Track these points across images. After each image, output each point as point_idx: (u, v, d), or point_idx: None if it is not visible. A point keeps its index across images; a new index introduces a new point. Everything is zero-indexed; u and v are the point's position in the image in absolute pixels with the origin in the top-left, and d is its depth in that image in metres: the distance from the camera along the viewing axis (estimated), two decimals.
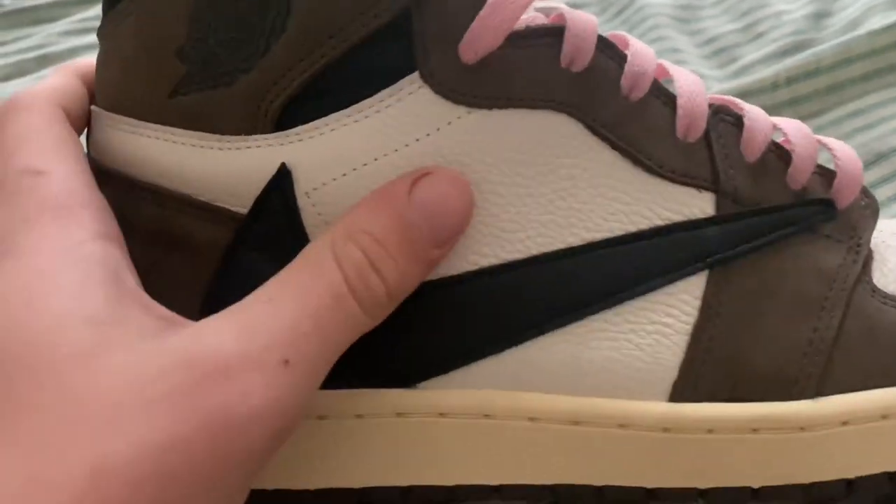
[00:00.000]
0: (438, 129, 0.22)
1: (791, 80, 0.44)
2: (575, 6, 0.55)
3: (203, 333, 0.19)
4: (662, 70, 0.25)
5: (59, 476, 0.17)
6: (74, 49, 0.57)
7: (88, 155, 0.25)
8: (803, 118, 0.43)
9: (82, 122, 0.25)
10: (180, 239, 0.24)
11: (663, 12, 0.54)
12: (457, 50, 0.22)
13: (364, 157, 0.22)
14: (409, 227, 0.21)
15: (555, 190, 0.23)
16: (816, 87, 0.44)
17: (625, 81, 0.23)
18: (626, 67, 0.23)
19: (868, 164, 0.40)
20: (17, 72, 0.55)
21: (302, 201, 0.23)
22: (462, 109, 0.22)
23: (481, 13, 0.22)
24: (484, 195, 0.23)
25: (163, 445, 0.18)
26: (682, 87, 0.24)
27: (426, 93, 0.22)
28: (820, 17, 0.51)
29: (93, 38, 0.57)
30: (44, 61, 0.56)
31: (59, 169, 0.22)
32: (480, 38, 0.22)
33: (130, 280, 0.21)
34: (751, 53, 0.50)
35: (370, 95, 0.22)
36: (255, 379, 0.19)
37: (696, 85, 0.24)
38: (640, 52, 0.24)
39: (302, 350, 0.20)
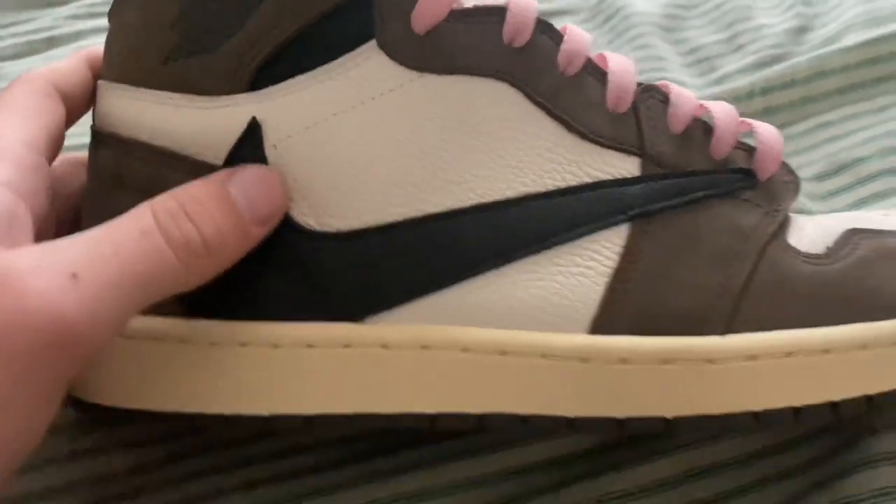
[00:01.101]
0: (391, 91, 0.26)
1: (766, 90, 0.46)
2: (563, 13, 0.57)
3: (13, 253, 0.22)
4: (602, 58, 0.28)
5: None
6: (80, 32, 0.59)
7: (92, 125, 0.28)
8: (777, 127, 0.45)
9: (82, 100, 0.29)
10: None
11: (649, 21, 0.56)
12: (409, 21, 0.25)
13: (325, 112, 0.26)
14: (227, 195, 0.25)
15: (495, 149, 0.26)
16: (791, 98, 0.46)
17: (561, 58, 0.27)
18: (563, 46, 0.27)
19: (830, 174, 0.42)
20: (26, 51, 0.57)
21: (269, 153, 0.26)
22: (413, 74, 0.26)
23: None
24: (433, 150, 0.26)
25: None
26: (613, 67, 0.27)
27: (382, 58, 0.25)
28: (800, 31, 0.53)
29: (98, 22, 0.59)
30: (51, 42, 0.58)
31: (6, 129, 0.25)
32: (428, 10, 0.25)
33: (14, 221, 0.23)
34: (730, 64, 0.52)
35: (333, 59, 0.25)
36: (34, 284, 0.21)
37: (626, 65, 0.27)
38: (576, 34, 0.27)
39: (95, 268, 0.22)
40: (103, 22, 0.59)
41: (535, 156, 0.26)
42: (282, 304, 0.27)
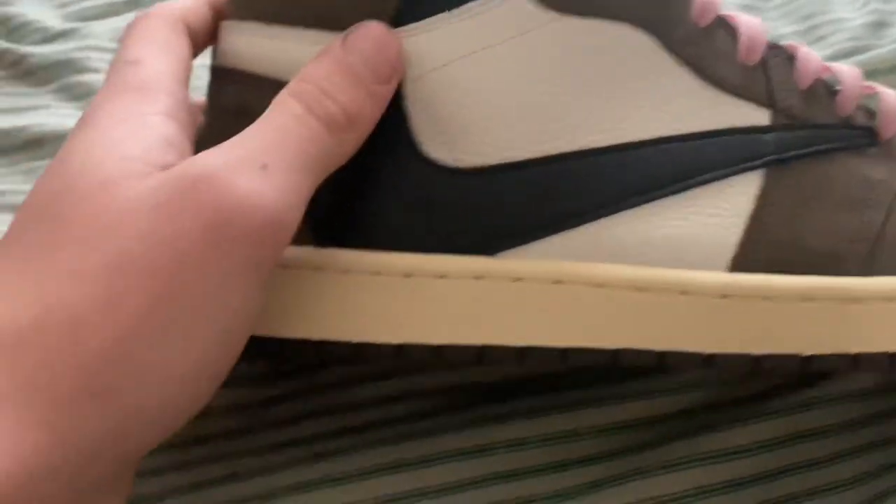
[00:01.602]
0: (533, 30, 0.26)
1: None
2: None
3: (195, 158, 0.23)
4: (730, 17, 0.29)
5: (89, 269, 0.21)
6: None
7: (214, 63, 0.29)
8: None
9: (203, 38, 0.29)
10: None
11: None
12: None
13: (466, 50, 0.26)
14: (348, 65, 0.25)
15: (631, 92, 0.27)
16: None
17: (695, 10, 0.27)
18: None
19: None
20: (108, 12, 0.58)
21: (408, 87, 0.26)
22: (555, 14, 0.26)
23: None
24: (570, 90, 0.26)
25: (168, 237, 0.21)
26: (743, 22, 0.28)
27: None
28: (879, 27, 0.53)
29: None
30: (134, 4, 0.59)
31: (152, 60, 0.26)
32: None
33: (181, 145, 0.24)
34: None
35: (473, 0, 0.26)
36: (237, 178, 0.22)
37: (755, 22, 0.28)
38: None
39: (278, 156, 0.23)
40: None
41: (669, 100, 0.27)
42: (414, 239, 0.27)
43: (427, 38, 0.26)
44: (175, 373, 0.22)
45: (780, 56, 0.28)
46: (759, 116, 0.27)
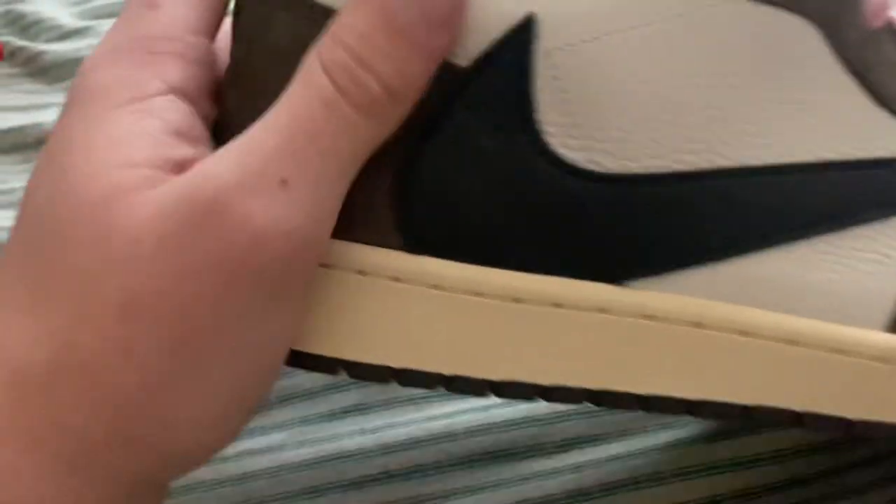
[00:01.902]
0: (699, 9, 0.21)
1: None
2: None
3: (205, 168, 0.20)
4: None
5: (98, 309, 0.19)
6: None
7: None
8: None
9: None
10: None
11: None
12: None
13: (619, 23, 0.21)
14: (393, 14, 0.20)
15: (795, 101, 0.22)
16: None
17: (867, 8, 0.23)
18: None
19: None
20: (119, 10, 0.58)
21: (540, 61, 0.21)
22: None
23: None
24: (734, 91, 0.22)
25: (179, 275, 0.19)
26: None
27: None
28: None
29: None
30: None
31: (171, 6, 0.22)
32: None
33: (192, 131, 0.21)
34: None
35: None
36: (252, 204, 0.19)
37: None
38: None
39: (300, 167, 0.20)
40: None
41: (836, 117, 0.22)
42: (526, 252, 0.22)
43: (574, 3, 0.21)
44: (205, 415, 0.20)
45: None
46: None
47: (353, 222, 0.22)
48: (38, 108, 0.50)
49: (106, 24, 0.56)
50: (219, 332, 0.19)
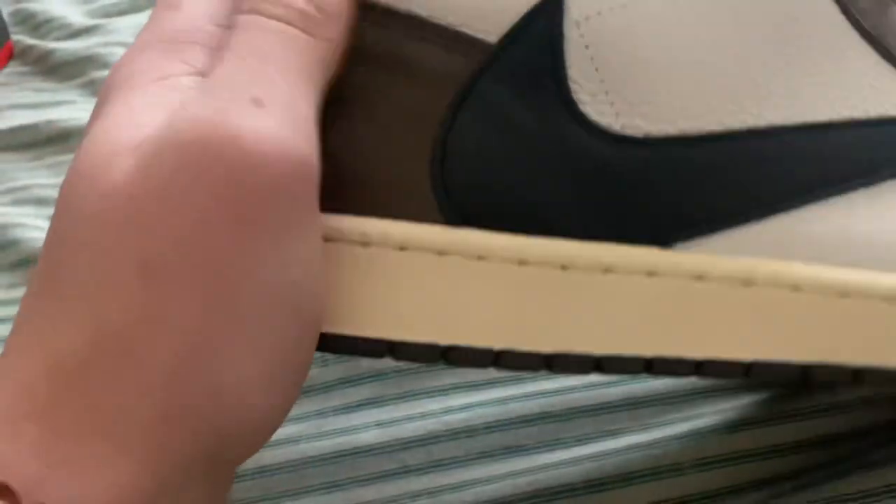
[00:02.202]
0: None
1: None
2: None
3: (182, 105, 0.19)
4: None
5: (113, 279, 0.18)
6: None
7: None
8: None
9: None
10: (412, 67, 0.22)
11: None
12: None
13: None
14: None
15: (816, 63, 0.22)
16: None
17: None
18: None
19: None
20: (132, 8, 0.58)
21: (570, 31, 0.21)
22: None
23: None
24: (759, 54, 0.22)
25: (184, 221, 0.18)
26: None
27: None
28: None
29: None
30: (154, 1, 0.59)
31: (191, 5, 0.22)
32: None
33: None
34: None
35: None
36: (234, 122, 0.19)
37: None
38: None
39: (266, 85, 0.19)
40: None
41: (853, 77, 0.22)
42: (569, 220, 0.22)
43: None
44: (250, 376, 0.19)
45: None
46: None
47: (390, 199, 0.22)
48: (49, 105, 0.50)
49: (116, 22, 0.56)
50: (241, 273, 0.18)
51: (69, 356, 0.18)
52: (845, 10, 0.22)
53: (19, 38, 0.56)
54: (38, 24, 0.58)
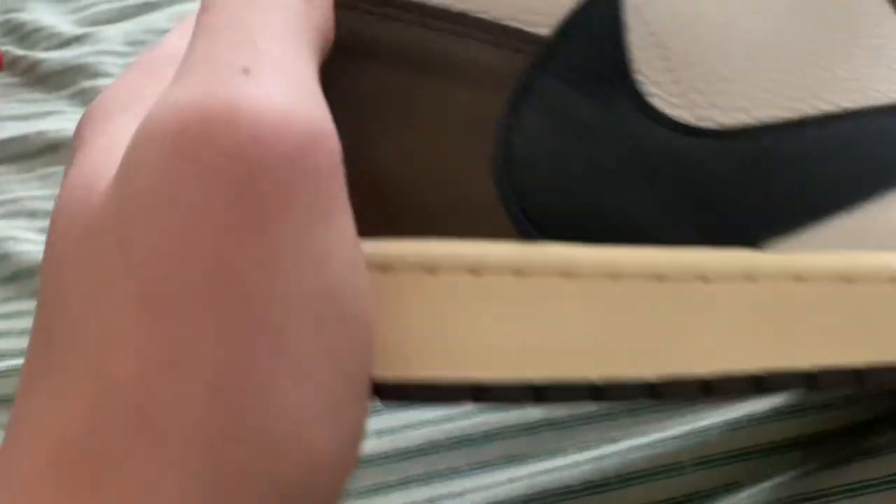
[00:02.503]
0: None
1: None
2: None
3: (166, 91, 0.16)
4: None
5: (112, 325, 0.15)
6: None
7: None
8: None
9: None
10: (458, 67, 0.20)
11: None
12: None
13: None
14: None
15: (873, 46, 0.21)
16: None
17: None
18: None
19: None
20: (120, 16, 0.58)
21: (630, 16, 0.19)
22: None
23: None
24: (825, 38, 0.21)
25: (186, 220, 0.15)
26: None
27: None
28: None
29: None
30: (146, 8, 0.58)
31: (176, 36, 0.21)
32: None
33: None
34: None
35: None
36: (229, 94, 0.15)
37: None
38: None
39: (252, 53, 0.16)
40: None
41: None
42: (654, 224, 0.20)
43: None
44: (307, 410, 0.15)
45: None
46: None
47: (454, 216, 0.19)
48: (40, 116, 0.50)
49: (105, 31, 0.56)
50: (267, 285, 0.15)
51: (73, 438, 0.14)
52: None
53: (8, 48, 0.56)
54: (26, 34, 0.57)
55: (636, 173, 0.20)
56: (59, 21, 0.58)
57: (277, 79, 0.16)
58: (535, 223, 0.19)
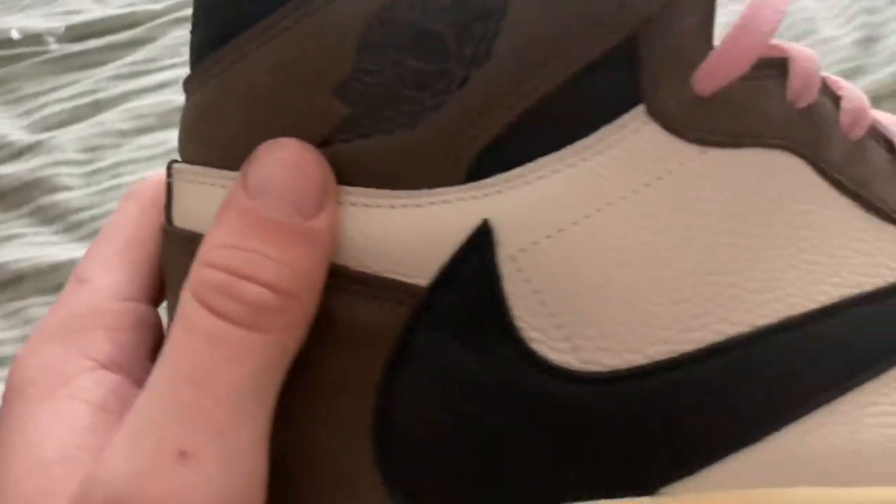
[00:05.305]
0: (670, 172, 0.19)
1: None
2: None
3: (101, 464, 0.18)
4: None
5: None
6: (126, 94, 0.57)
7: (167, 226, 0.22)
8: None
9: None
10: (337, 325, 0.19)
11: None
12: (690, 79, 0.19)
13: (583, 208, 0.19)
14: (258, 215, 0.18)
15: (795, 241, 0.20)
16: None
17: (844, 119, 0.21)
18: (844, 104, 0.21)
19: None
20: (72, 118, 0.56)
21: (505, 267, 0.19)
22: (695, 149, 0.19)
23: (729, 34, 0.19)
24: (725, 251, 0.19)
25: None
26: (893, 125, 0.22)
27: (654, 129, 0.19)
28: (868, 42, 0.52)
29: (143, 81, 0.58)
30: (98, 107, 0.56)
31: (99, 278, 0.22)
32: (725, 64, 0.19)
33: (123, 402, 0.20)
34: None
35: (587, 135, 0.19)
36: (153, 496, 0.17)
37: None
38: (853, 90, 0.21)
39: (197, 427, 0.17)
40: (149, 81, 0.58)
41: (839, 247, 0.20)
42: (540, 484, 0.19)
43: (524, 198, 0.19)
44: None
45: None
46: None
47: (333, 496, 0.20)
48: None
49: (59, 137, 0.54)
50: None
51: None
52: (817, 167, 0.20)
53: None
54: None
55: (522, 427, 0.19)
56: (10, 127, 0.56)
57: (212, 462, 0.17)
58: (413, 495, 0.19)
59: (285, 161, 0.19)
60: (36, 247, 0.46)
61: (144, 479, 0.17)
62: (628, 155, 0.19)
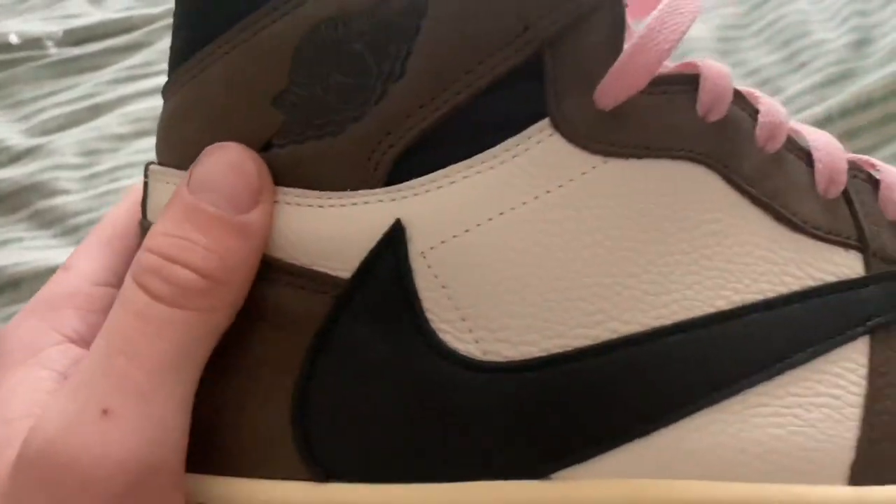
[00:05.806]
0: (571, 181, 0.21)
1: (844, 113, 0.45)
2: None
3: (41, 417, 0.20)
4: (795, 133, 0.24)
5: None
6: (124, 98, 0.58)
7: (143, 221, 0.24)
8: (861, 151, 0.44)
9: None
10: (268, 310, 0.21)
11: (703, 46, 0.55)
12: (592, 94, 0.21)
13: (488, 211, 0.20)
14: (195, 208, 0.21)
15: (698, 248, 0.21)
16: (870, 119, 0.45)
17: (760, 133, 0.22)
18: (760, 118, 0.22)
19: None
20: (70, 122, 0.56)
21: (416, 263, 0.21)
22: (597, 159, 0.21)
23: (625, 53, 0.21)
24: (623, 254, 0.21)
25: None
26: (817, 142, 0.23)
27: (557, 140, 0.21)
28: (861, 44, 0.52)
29: (141, 85, 0.58)
30: (96, 111, 0.57)
31: (82, 267, 0.24)
32: (622, 80, 0.20)
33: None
34: (794, 84, 0.50)
35: (495, 144, 0.21)
36: (75, 446, 0.19)
37: (831, 140, 0.23)
38: (772, 104, 0.22)
39: (121, 390, 0.20)
40: (147, 85, 0.58)
41: (745, 254, 0.21)
42: (439, 460, 0.21)
43: (436, 200, 0.20)
44: None
45: (858, 178, 0.23)
46: (850, 264, 0.22)
47: (253, 457, 0.21)
48: None
49: (56, 140, 0.54)
50: None
51: None
52: (728, 179, 0.21)
53: None
54: None
55: (424, 410, 0.21)
56: (8, 132, 0.56)
57: (132, 420, 0.19)
58: (325, 464, 0.21)
59: (226, 162, 0.21)
60: (34, 251, 0.47)
61: (71, 430, 0.19)
62: (531, 164, 0.20)
